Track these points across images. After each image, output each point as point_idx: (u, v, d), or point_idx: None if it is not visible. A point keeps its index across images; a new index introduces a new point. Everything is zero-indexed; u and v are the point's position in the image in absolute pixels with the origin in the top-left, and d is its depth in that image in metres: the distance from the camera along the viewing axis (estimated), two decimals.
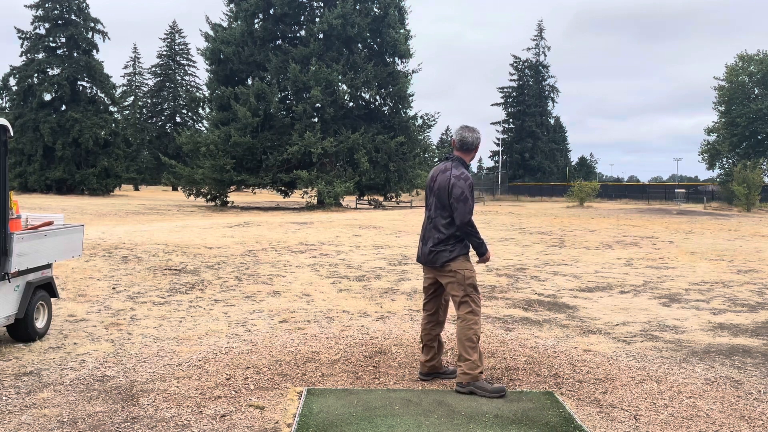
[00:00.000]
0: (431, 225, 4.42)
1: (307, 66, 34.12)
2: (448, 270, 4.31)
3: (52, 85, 48.32)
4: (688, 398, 4.22)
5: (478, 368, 4.19)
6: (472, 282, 4.31)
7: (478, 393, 4.14)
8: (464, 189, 4.27)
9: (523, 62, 77.87)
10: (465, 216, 4.24)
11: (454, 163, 4.43)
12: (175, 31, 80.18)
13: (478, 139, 4.51)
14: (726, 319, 6.82)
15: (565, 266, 10.75)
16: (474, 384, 4.17)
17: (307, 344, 5.35)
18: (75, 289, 7.58)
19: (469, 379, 4.19)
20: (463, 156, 4.48)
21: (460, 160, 4.45)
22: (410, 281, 8.86)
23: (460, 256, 4.31)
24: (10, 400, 3.88)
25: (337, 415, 3.75)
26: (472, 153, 4.54)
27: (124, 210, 28.06)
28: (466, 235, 4.28)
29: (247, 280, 8.61)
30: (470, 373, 4.19)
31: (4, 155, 4.79)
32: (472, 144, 4.48)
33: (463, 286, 4.28)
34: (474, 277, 4.33)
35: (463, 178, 4.31)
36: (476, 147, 4.54)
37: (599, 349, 5.42)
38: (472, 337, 4.20)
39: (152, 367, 4.62)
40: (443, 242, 4.32)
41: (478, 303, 4.32)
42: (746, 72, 48.22)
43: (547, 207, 40.39)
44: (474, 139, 4.48)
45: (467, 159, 4.50)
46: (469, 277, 4.30)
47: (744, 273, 10.28)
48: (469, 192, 4.28)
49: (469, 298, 4.26)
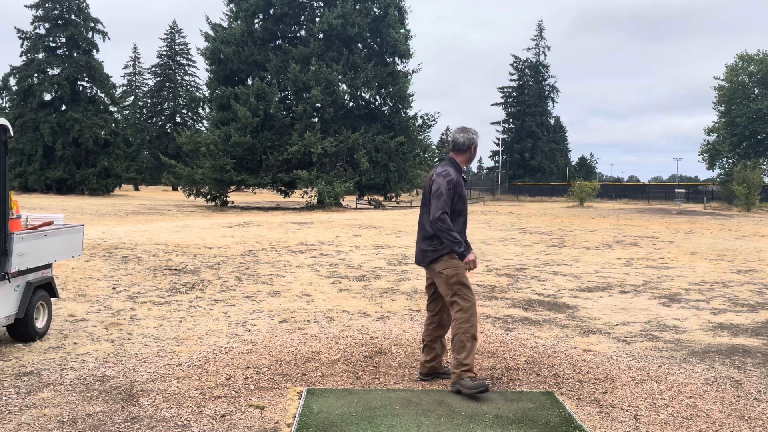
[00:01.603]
0: (420, 224, 4.47)
1: (307, 66, 34.13)
2: (435, 269, 4.30)
3: (52, 85, 48.29)
4: (688, 398, 4.22)
5: (462, 367, 4.16)
6: (458, 280, 4.21)
7: (462, 391, 4.13)
8: (441, 185, 4.23)
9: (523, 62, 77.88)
10: (435, 211, 4.18)
11: (443, 162, 4.46)
12: (175, 31, 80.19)
13: (470, 140, 4.45)
14: (726, 319, 6.82)
15: (565, 266, 10.74)
16: (459, 382, 4.17)
17: (307, 344, 5.35)
18: (75, 289, 7.58)
19: (455, 378, 4.20)
20: (456, 157, 4.46)
21: (451, 161, 4.44)
22: (410, 281, 8.86)
23: (444, 255, 4.25)
24: (10, 400, 3.88)
25: (337, 415, 3.75)
26: (466, 154, 4.48)
27: (124, 210, 28.06)
28: (438, 231, 4.18)
29: (247, 280, 8.61)
30: (455, 371, 4.21)
31: (4, 155, 4.79)
32: (464, 145, 4.44)
33: (449, 286, 4.23)
34: (460, 275, 4.22)
35: (443, 175, 4.28)
36: (469, 148, 4.46)
37: (599, 349, 5.42)
38: (461, 337, 4.16)
39: (152, 367, 4.62)
40: (428, 241, 4.33)
41: (469, 299, 4.21)
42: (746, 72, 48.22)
43: (547, 207, 40.38)
44: (465, 139, 4.43)
45: (460, 160, 4.46)
46: (453, 276, 4.21)
47: (744, 273, 10.28)
48: (445, 188, 4.21)
49: (457, 296, 4.21)
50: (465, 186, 4.49)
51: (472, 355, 4.19)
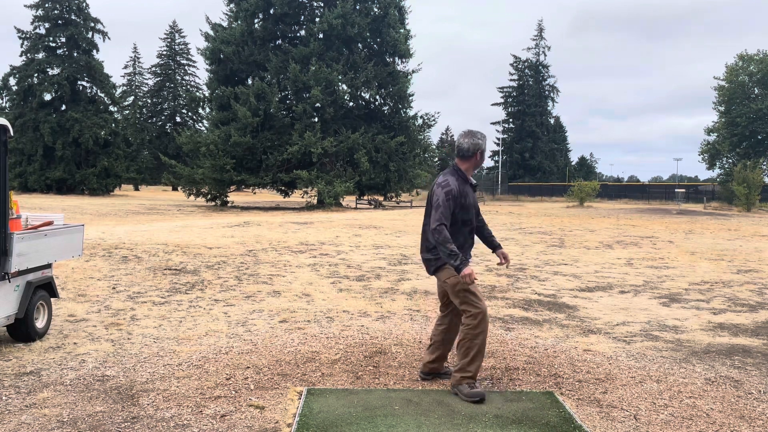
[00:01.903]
0: (423, 234, 4.38)
1: (307, 66, 34.13)
2: (440, 278, 4.26)
3: (52, 85, 48.31)
4: (688, 398, 4.22)
5: (463, 372, 4.13)
6: (462, 287, 4.10)
7: (459, 396, 4.12)
8: (440, 196, 4.10)
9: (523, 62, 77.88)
10: (433, 223, 4.07)
11: (446, 171, 4.33)
12: (175, 31, 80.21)
13: (476, 146, 4.23)
14: (726, 319, 6.82)
15: (565, 266, 10.74)
16: (457, 387, 4.17)
17: (307, 344, 5.35)
18: (75, 289, 7.58)
19: (454, 381, 4.20)
20: (461, 164, 4.28)
21: (454, 168, 4.28)
22: (410, 281, 8.86)
23: (446, 264, 4.16)
24: (10, 400, 3.88)
25: (337, 415, 3.75)
26: (471, 160, 4.26)
27: (124, 210, 28.06)
28: (436, 243, 4.06)
29: (247, 280, 8.61)
30: (455, 375, 4.20)
31: (5, 155, 4.79)
32: (468, 151, 4.24)
33: (455, 294, 4.16)
34: (463, 283, 4.09)
35: (442, 185, 4.15)
36: (474, 153, 4.23)
37: (599, 349, 5.42)
38: (468, 343, 4.12)
39: (152, 367, 4.62)
40: (431, 251, 4.25)
41: (477, 306, 4.09)
42: (746, 72, 48.23)
43: (547, 207, 40.39)
44: (470, 145, 4.22)
45: (465, 167, 4.28)
46: (457, 284, 4.11)
47: (744, 273, 10.28)
48: (444, 199, 4.06)
49: (465, 304, 4.14)
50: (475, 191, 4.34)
51: (476, 365, 4.14)
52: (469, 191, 4.27)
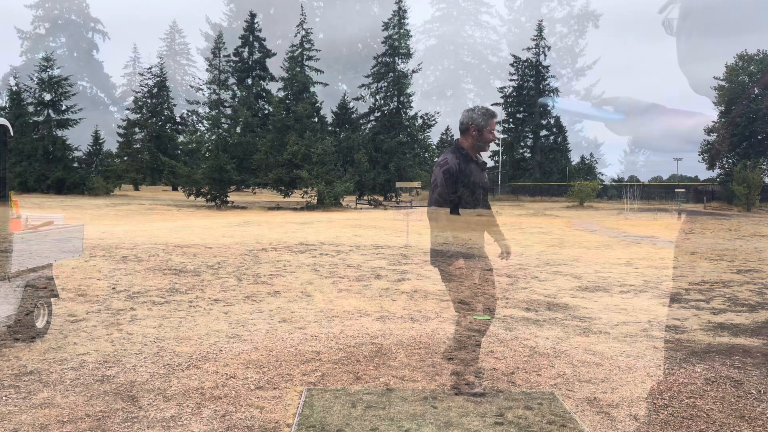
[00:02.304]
0: None
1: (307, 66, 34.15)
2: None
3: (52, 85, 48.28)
4: (688, 398, 4.22)
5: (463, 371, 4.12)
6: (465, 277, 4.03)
7: (459, 395, 4.10)
8: (436, 176, 3.98)
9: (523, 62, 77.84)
10: (429, 204, 4.00)
11: (446, 149, 4.21)
12: (175, 31, 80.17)
13: (470, 118, 4.10)
14: (726, 319, 6.82)
15: (565, 266, 10.74)
16: (456, 386, 4.15)
17: (307, 344, 5.35)
18: (75, 289, 7.58)
19: (454, 381, 4.19)
20: (462, 141, 4.16)
21: (455, 146, 4.15)
22: (410, 281, 8.86)
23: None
24: (10, 400, 3.88)
25: (337, 415, 3.75)
26: (468, 136, 4.12)
27: (124, 210, 28.05)
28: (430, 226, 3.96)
29: (247, 280, 8.61)
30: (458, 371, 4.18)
31: (5, 155, 4.79)
32: (462, 123, 4.13)
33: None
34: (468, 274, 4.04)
35: (439, 164, 4.01)
36: (468, 127, 4.09)
37: (599, 349, 5.42)
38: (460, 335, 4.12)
39: (152, 367, 4.62)
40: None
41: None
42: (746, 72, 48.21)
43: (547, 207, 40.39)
44: (465, 118, 4.11)
45: (466, 144, 4.12)
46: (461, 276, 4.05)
47: (744, 273, 10.28)
48: (441, 179, 3.91)
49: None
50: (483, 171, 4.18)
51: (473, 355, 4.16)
52: (473, 169, 4.07)
